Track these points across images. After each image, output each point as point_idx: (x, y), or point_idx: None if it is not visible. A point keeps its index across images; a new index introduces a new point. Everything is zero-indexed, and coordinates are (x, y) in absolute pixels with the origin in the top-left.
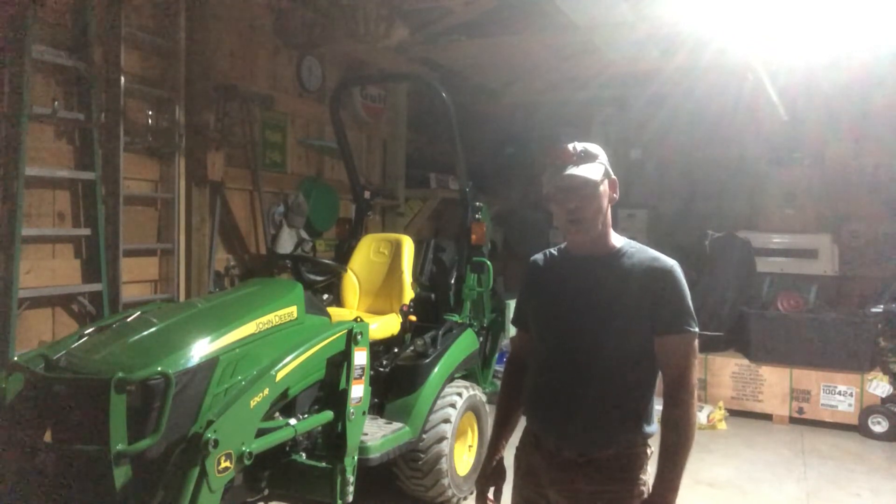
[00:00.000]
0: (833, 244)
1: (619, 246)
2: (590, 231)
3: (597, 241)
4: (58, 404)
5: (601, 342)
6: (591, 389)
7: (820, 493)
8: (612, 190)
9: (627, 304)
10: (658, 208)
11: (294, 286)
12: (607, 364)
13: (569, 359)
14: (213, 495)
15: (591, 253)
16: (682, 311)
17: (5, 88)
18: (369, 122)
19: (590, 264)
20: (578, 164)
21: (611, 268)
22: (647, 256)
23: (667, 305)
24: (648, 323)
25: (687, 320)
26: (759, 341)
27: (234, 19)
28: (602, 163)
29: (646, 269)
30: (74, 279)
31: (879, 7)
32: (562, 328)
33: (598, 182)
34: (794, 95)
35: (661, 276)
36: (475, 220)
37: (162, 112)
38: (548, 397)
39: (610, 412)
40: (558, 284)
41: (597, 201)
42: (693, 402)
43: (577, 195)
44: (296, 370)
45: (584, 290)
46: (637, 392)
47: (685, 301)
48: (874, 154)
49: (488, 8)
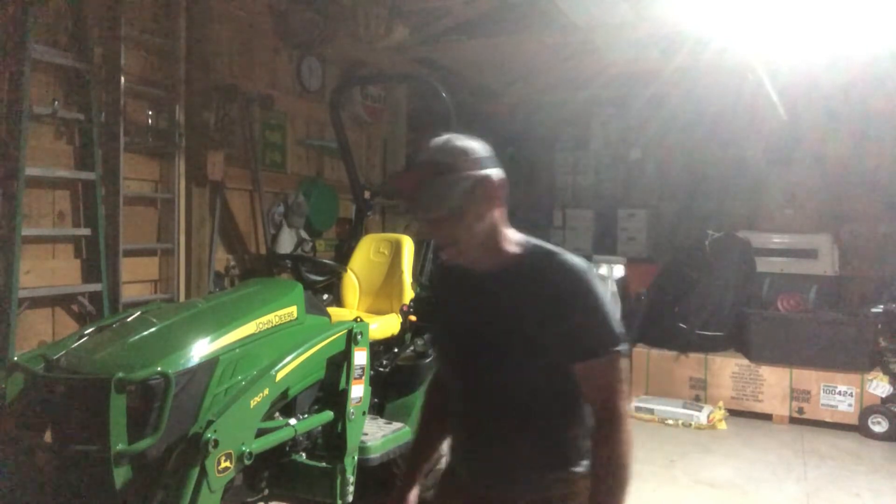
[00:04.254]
0: (833, 244)
1: (516, 253)
2: (469, 251)
3: (486, 254)
4: (58, 404)
5: (508, 374)
6: (504, 426)
7: (820, 493)
8: (490, 191)
9: (531, 329)
10: (658, 208)
11: (294, 286)
12: (519, 397)
13: (476, 391)
14: (213, 495)
15: (483, 267)
16: (602, 328)
17: (5, 88)
18: (369, 122)
19: (484, 281)
20: (421, 193)
21: (507, 284)
22: (551, 263)
23: (581, 324)
24: (561, 346)
25: (609, 339)
26: (759, 341)
27: (234, 19)
28: (461, 169)
29: (550, 282)
30: (74, 279)
31: (879, 7)
32: (462, 358)
33: (454, 208)
34: (794, 95)
35: (570, 287)
36: None
37: (162, 112)
38: (461, 431)
39: (529, 452)
40: (455, 305)
41: (464, 221)
42: (624, 437)
43: (435, 228)
44: (296, 370)
45: (480, 314)
46: (562, 426)
47: (602, 313)
48: (874, 154)
49: (488, 8)
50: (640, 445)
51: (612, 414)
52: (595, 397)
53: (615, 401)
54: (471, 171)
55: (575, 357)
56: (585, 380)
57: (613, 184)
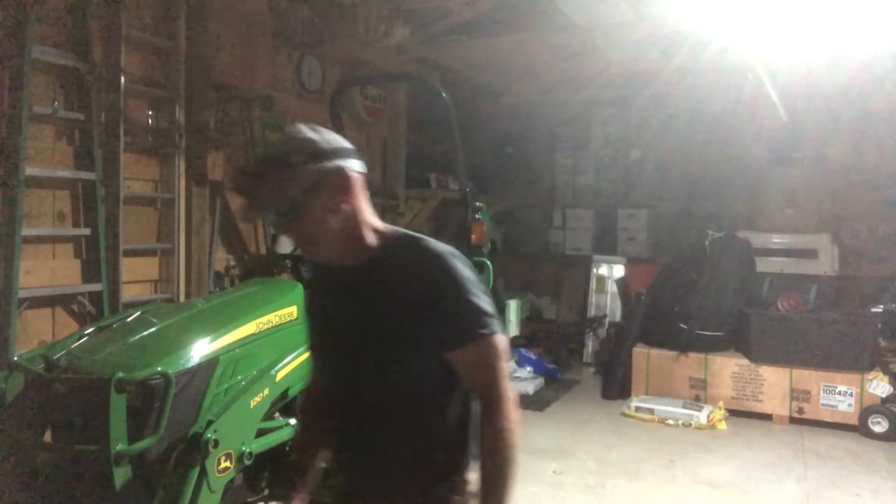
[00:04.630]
0: (833, 244)
1: (380, 245)
2: (329, 248)
3: (350, 249)
4: (58, 404)
5: (382, 375)
6: (379, 434)
7: (820, 493)
8: (342, 184)
9: (400, 322)
10: (658, 208)
11: (294, 286)
12: (394, 402)
13: (349, 398)
14: (213, 495)
15: (349, 263)
16: (470, 312)
17: (5, 88)
18: (369, 122)
19: (350, 278)
20: (259, 189)
21: (372, 278)
22: (413, 251)
23: (447, 310)
24: (433, 337)
25: (479, 321)
26: (759, 341)
27: (234, 19)
28: (303, 162)
29: (413, 270)
30: (74, 279)
31: (879, 7)
32: (333, 361)
33: (295, 203)
34: (794, 95)
35: (433, 273)
36: (475, 219)
37: (162, 112)
38: (340, 440)
39: (410, 461)
40: (323, 306)
41: (312, 217)
42: (507, 420)
43: (284, 225)
44: (296, 370)
45: (348, 312)
46: (444, 429)
47: (470, 296)
48: (874, 154)
49: (488, 8)
50: (641, 445)
51: (493, 396)
52: (476, 383)
53: (496, 383)
54: (315, 164)
55: (448, 346)
56: (464, 368)
57: (613, 184)
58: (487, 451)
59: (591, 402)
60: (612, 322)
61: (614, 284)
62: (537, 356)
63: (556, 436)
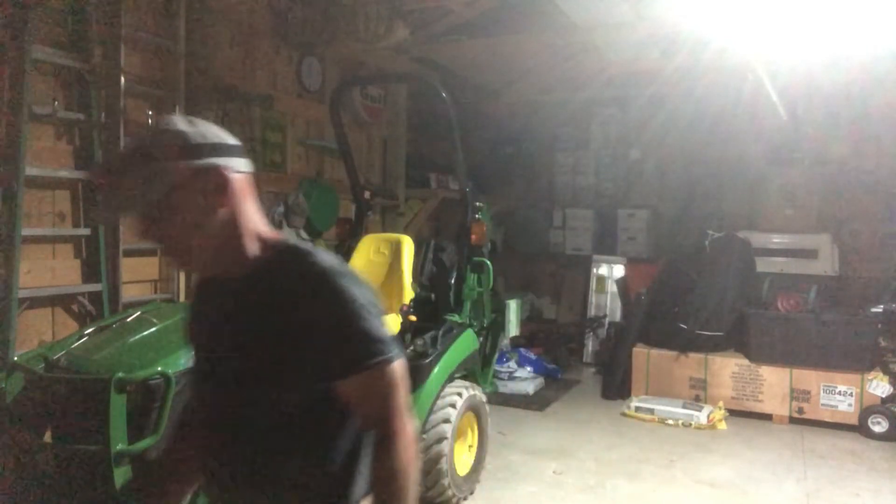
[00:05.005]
0: (833, 244)
1: (263, 257)
2: (199, 259)
3: (228, 261)
4: (58, 404)
5: (255, 406)
6: (255, 465)
7: (820, 493)
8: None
9: (277, 347)
10: (658, 208)
11: None
12: (274, 432)
13: (225, 425)
14: None
15: (230, 276)
16: (357, 338)
17: (5, 88)
18: (369, 122)
19: (227, 291)
20: (119, 189)
21: (248, 296)
22: (297, 266)
23: (331, 336)
24: (315, 365)
25: (368, 348)
26: (759, 341)
27: (234, 20)
28: (167, 158)
29: (295, 290)
30: (74, 279)
31: (879, 7)
32: (209, 385)
33: (153, 204)
34: (794, 95)
35: (316, 292)
36: (475, 219)
37: (162, 112)
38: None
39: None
40: (199, 323)
41: (176, 221)
42: (402, 465)
43: (146, 230)
44: None
45: (222, 330)
46: (329, 462)
47: (358, 319)
48: (874, 154)
49: (488, 8)
50: (641, 445)
51: (385, 433)
52: (366, 417)
53: (388, 418)
54: (184, 161)
55: (333, 375)
56: (352, 399)
57: (613, 184)
58: (377, 494)
59: (591, 402)
60: (612, 322)
61: (614, 284)
62: (537, 356)
63: (556, 436)
